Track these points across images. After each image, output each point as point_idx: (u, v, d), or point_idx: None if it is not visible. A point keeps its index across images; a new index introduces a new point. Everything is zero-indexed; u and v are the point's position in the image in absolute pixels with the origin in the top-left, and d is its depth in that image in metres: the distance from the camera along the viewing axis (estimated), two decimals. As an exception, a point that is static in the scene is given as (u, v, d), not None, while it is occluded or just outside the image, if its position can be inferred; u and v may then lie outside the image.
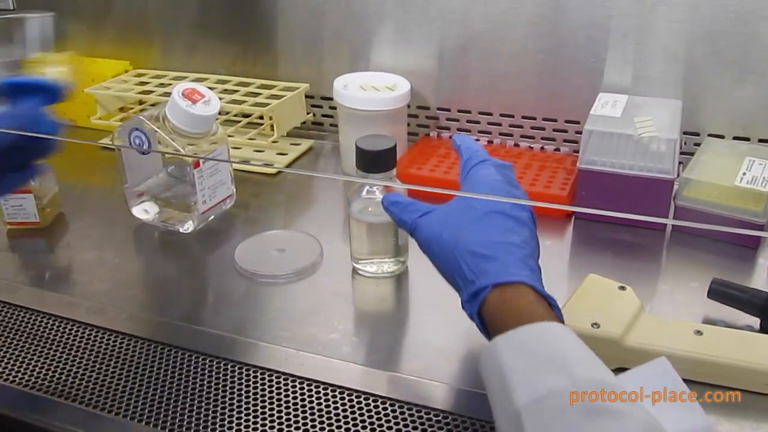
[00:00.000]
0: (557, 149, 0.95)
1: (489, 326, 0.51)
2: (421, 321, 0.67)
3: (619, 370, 0.58)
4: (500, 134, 0.98)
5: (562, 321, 0.50)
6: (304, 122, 1.05)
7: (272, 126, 0.98)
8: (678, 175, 0.77)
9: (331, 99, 0.94)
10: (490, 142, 0.98)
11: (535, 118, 0.96)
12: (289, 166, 0.98)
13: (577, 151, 0.81)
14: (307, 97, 1.05)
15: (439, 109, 1.01)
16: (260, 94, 1.02)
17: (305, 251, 0.77)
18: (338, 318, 0.67)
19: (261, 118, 1.02)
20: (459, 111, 1.00)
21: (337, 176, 0.97)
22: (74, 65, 0.69)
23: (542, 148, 0.95)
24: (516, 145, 0.97)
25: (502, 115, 0.97)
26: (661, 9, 0.85)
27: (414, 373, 0.60)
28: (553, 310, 0.50)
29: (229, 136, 0.97)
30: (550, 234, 0.80)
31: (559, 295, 0.67)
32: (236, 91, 1.03)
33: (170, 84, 1.06)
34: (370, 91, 0.91)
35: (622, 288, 0.63)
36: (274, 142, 0.98)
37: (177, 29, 1.12)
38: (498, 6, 0.92)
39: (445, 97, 1.00)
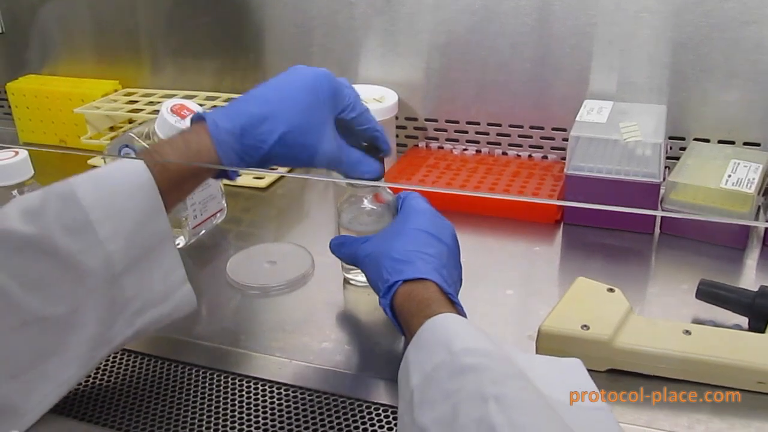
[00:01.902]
0: (545, 157, 0.96)
1: (398, 317, 0.58)
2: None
3: (610, 372, 0.59)
4: (488, 143, 0.99)
5: (460, 313, 0.56)
6: (293, 136, 1.05)
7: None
8: (664, 179, 0.78)
9: (320, 112, 0.95)
10: (478, 151, 0.99)
11: (522, 127, 0.97)
12: (278, 180, 0.99)
13: (565, 158, 0.82)
14: (296, 111, 1.05)
15: (427, 119, 1.01)
16: (249, 109, 1.02)
17: (296, 263, 0.77)
18: (330, 327, 0.68)
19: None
20: (447, 121, 1.00)
21: (322, 177, 0.97)
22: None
23: (530, 156, 0.96)
24: (504, 153, 0.98)
25: (489, 124, 0.98)
26: (644, 16, 0.86)
27: (406, 379, 0.60)
28: (453, 304, 0.57)
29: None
30: (539, 239, 0.81)
31: (549, 298, 0.68)
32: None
33: (159, 102, 1.07)
34: (358, 104, 0.92)
35: (611, 290, 0.64)
36: (264, 156, 0.98)
37: (165, 48, 1.13)
38: (484, 16, 0.93)
39: (433, 107, 1.01)
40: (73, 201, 0.53)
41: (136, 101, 1.09)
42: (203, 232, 0.84)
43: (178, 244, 0.82)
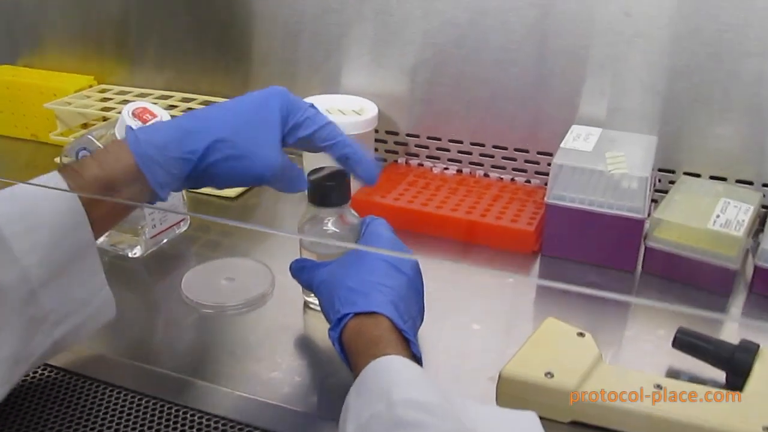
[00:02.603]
0: (528, 181, 0.92)
1: (347, 351, 0.55)
2: (371, 361, 0.64)
3: (573, 424, 0.55)
4: (470, 163, 0.95)
5: (414, 354, 0.54)
6: (270, 144, 1.01)
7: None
8: (649, 215, 0.74)
9: (297, 121, 0.91)
10: (459, 171, 0.95)
11: (506, 148, 0.93)
12: (251, 188, 0.95)
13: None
14: (274, 118, 1.02)
15: (408, 135, 0.98)
16: (225, 113, 0.98)
17: (256, 281, 0.73)
18: (283, 354, 0.64)
19: (226, 138, 0.99)
20: (428, 138, 0.97)
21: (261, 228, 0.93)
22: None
23: (513, 179, 0.92)
24: (486, 175, 0.94)
25: (473, 143, 0.95)
26: (638, 41, 0.82)
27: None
28: (406, 343, 0.54)
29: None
30: (513, 270, 0.77)
31: (518, 336, 0.64)
32: (200, 110, 1.00)
33: (134, 101, 1.03)
34: (336, 115, 0.88)
35: (581, 335, 0.60)
36: (237, 164, 0.95)
37: (145, 44, 1.09)
38: (473, 31, 0.89)
39: (415, 122, 0.97)
40: None
41: (110, 99, 1.05)
42: (164, 241, 0.80)
43: (135, 254, 0.78)
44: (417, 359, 0.54)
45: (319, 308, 0.69)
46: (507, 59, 0.89)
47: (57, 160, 1.00)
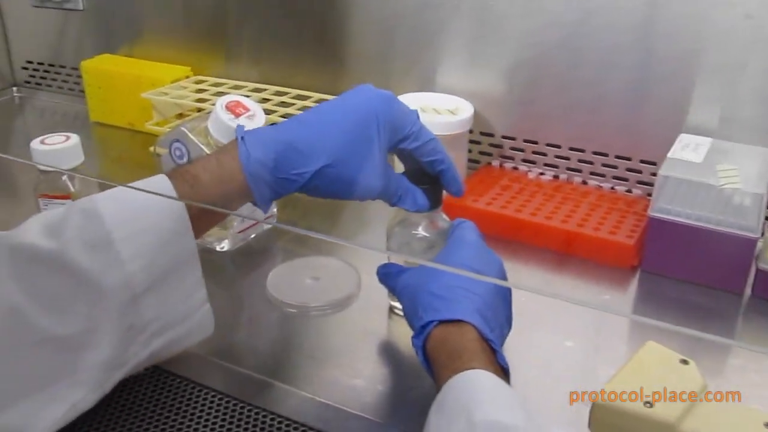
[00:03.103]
0: (629, 191, 0.87)
1: (430, 360, 0.53)
2: (456, 374, 0.61)
3: (671, 460, 0.51)
4: (567, 169, 0.91)
5: (501, 365, 0.51)
6: (361, 141, 1.00)
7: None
8: (763, 234, 0.69)
9: (390, 119, 0.89)
10: (555, 177, 0.91)
11: (607, 155, 0.88)
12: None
13: (651, 195, 0.73)
14: (367, 115, 1.00)
15: (504, 137, 0.94)
16: (317, 109, 0.97)
17: (342, 281, 0.72)
18: (365, 361, 0.62)
19: (317, 133, 0.98)
20: (525, 141, 0.93)
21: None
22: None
23: (613, 188, 0.88)
24: (584, 182, 0.90)
25: (571, 148, 0.91)
26: (758, 47, 0.77)
27: (438, 436, 0.54)
28: (493, 354, 0.51)
29: (282, 151, 0.93)
30: (610, 287, 0.73)
31: (613, 358, 0.61)
32: (292, 104, 0.99)
33: (228, 93, 1.03)
34: (430, 114, 0.86)
35: (685, 362, 0.55)
36: (327, 160, 0.94)
37: (241, 36, 1.09)
38: (577, 30, 0.85)
39: (512, 124, 0.93)
40: (95, 218, 0.49)
41: (205, 90, 1.06)
42: (252, 236, 0.80)
43: (223, 248, 0.78)
44: (504, 371, 0.52)
45: (404, 314, 0.67)
46: (613, 61, 0.84)
47: (152, 149, 1.01)
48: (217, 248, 0.78)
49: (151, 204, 0.51)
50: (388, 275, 0.63)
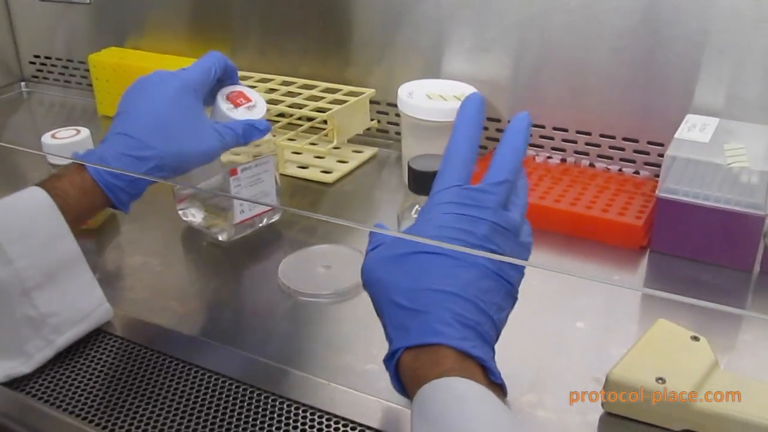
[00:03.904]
0: (636, 172, 0.88)
1: (405, 386, 0.46)
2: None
3: (686, 434, 0.52)
4: (575, 152, 0.92)
5: (493, 382, 0.44)
6: (368, 129, 1.01)
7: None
8: (770, 212, 0.69)
9: (396, 106, 0.90)
10: (563, 160, 0.91)
11: (614, 137, 0.89)
12: (348, 174, 0.94)
13: (659, 176, 0.74)
14: (373, 103, 1.01)
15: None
16: (323, 97, 0.98)
17: (353, 269, 0.71)
18: (378, 347, 0.62)
19: (325, 122, 0.98)
20: (532, 125, 0.93)
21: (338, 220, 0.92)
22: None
23: (620, 170, 0.88)
24: (591, 165, 0.90)
25: (578, 132, 0.91)
26: (764, 26, 0.77)
27: (453, 417, 0.54)
28: (482, 370, 0.43)
29: (290, 140, 0.94)
30: (620, 267, 0.74)
31: (624, 338, 0.61)
32: (299, 93, 1.00)
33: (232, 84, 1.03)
34: (437, 101, 0.86)
35: (695, 338, 0.56)
36: (335, 148, 0.94)
37: (246, 27, 1.09)
38: (582, 14, 0.85)
39: (518, 109, 0.92)
40: None
41: (212, 82, 1.06)
42: (250, 230, 0.80)
43: (223, 238, 0.78)
44: (498, 386, 0.44)
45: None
46: (618, 44, 0.84)
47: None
48: (220, 238, 0.78)
49: (29, 210, 0.59)
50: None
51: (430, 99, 0.87)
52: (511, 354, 0.61)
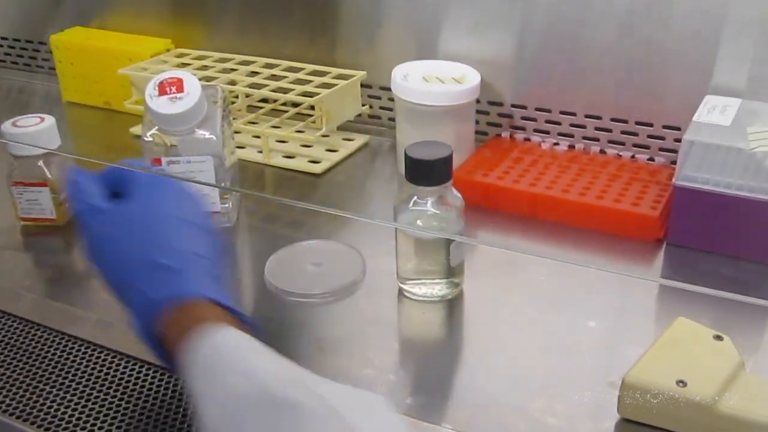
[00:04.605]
0: (651, 159, 0.89)
1: (165, 342, 0.51)
2: (474, 359, 0.63)
3: (708, 441, 0.53)
4: (584, 138, 0.92)
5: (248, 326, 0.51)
6: (359, 115, 1.01)
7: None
8: (797, 200, 0.70)
9: (390, 90, 0.90)
10: (571, 147, 0.92)
11: (626, 121, 0.89)
12: (338, 164, 0.95)
13: (675, 163, 0.74)
14: (364, 86, 1.01)
15: (513, 106, 0.95)
16: (310, 81, 0.98)
17: (345, 266, 0.73)
18: (375, 349, 0.63)
19: (312, 108, 0.99)
20: (537, 109, 0.94)
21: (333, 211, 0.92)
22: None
23: (633, 156, 0.89)
24: (602, 151, 0.91)
25: (587, 116, 0.91)
26: (788, -2, 0.78)
27: (457, 425, 0.55)
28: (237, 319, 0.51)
29: (275, 127, 0.95)
30: (634, 262, 0.75)
31: (641, 338, 0.62)
32: (284, 77, 1.00)
33: (213, 66, 1.04)
34: (434, 83, 0.87)
35: (719, 338, 0.57)
36: (323, 136, 0.95)
37: (225, 4, 1.09)
38: (590, -12, 0.86)
39: (522, 92, 0.94)
40: None
41: (188, 64, 1.06)
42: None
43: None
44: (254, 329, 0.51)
45: (416, 297, 0.69)
46: (630, 19, 0.85)
47: (133, 130, 1.02)
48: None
49: None
50: (75, 184, 0.58)
51: (427, 81, 0.87)
52: (519, 357, 0.62)
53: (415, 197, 0.65)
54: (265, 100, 1.03)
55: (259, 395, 0.42)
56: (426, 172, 0.64)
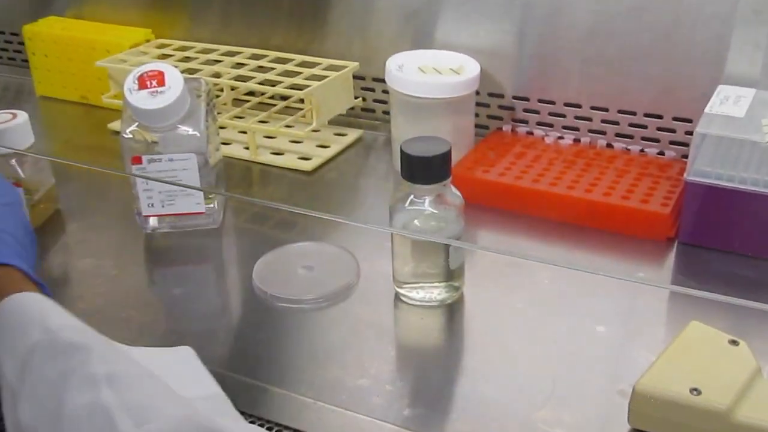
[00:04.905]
0: (661, 153, 0.89)
1: None
2: (474, 366, 0.63)
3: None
4: (590, 131, 0.93)
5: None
6: (352, 108, 1.01)
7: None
8: (816, 196, 0.70)
9: (384, 81, 0.90)
10: (576, 140, 0.92)
11: (635, 114, 0.90)
12: (330, 161, 0.94)
13: (686, 157, 0.75)
14: (357, 78, 1.01)
15: (515, 98, 0.95)
16: (299, 73, 0.98)
17: (338, 270, 0.73)
18: (371, 358, 0.63)
19: (302, 101, 0.98)
20: (540, 101, 0.94)
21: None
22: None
23: (642, 150, 0.89)
24: (609, 145, 0.91)
25: (593, 108, 0.92)
26: (804, -19, 0.78)
27: (458, 437, 0.55)
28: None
29: (262, 122, 0.94)
30: (644, 262, 0.75)
31: (652, 343, 0.62)
32: (271, 68, 0.99)
33: (196, 58, 1.04)
34: (431, 74, 0.87)
35: (734, 342, 0.57)
36: (314, 131, 0.95)
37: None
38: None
39: (525, 83, 0.94)
40: None
41: (170, 55, 1.06)
42: (167, 230, 0.80)
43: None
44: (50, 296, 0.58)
45: (414, 302, 0.69)
46: (638, 5, 0.85)
47: (111, 126, 1.01)
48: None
49: None
50: None
51: (423, 72, 0.87)
52: (523, 364, 0.62)
53: (412, 196, 0.65)
54: (251, 94, 1.03)
55: (48, 341, 0.49)
56: (423, 169, 0.63)
